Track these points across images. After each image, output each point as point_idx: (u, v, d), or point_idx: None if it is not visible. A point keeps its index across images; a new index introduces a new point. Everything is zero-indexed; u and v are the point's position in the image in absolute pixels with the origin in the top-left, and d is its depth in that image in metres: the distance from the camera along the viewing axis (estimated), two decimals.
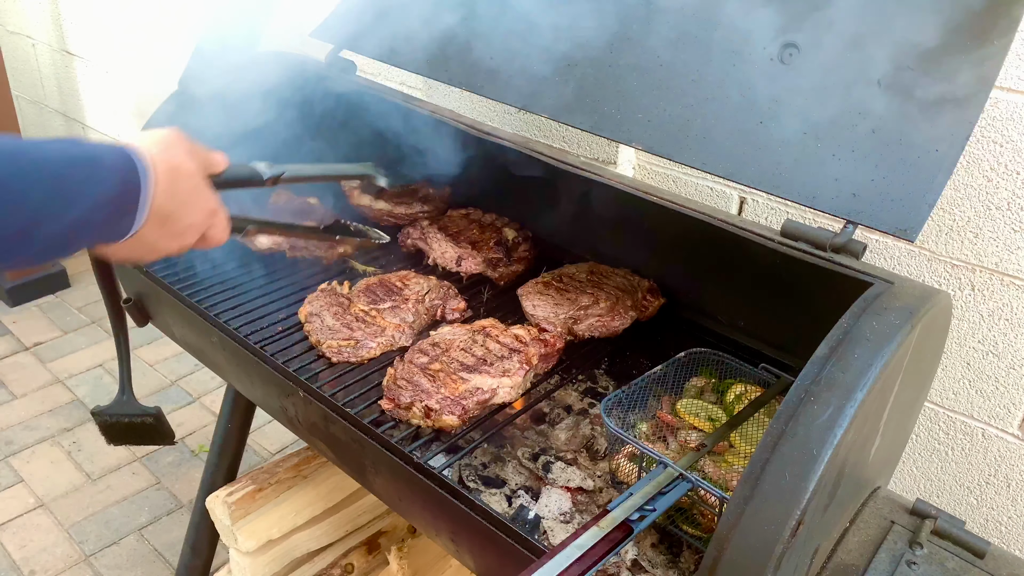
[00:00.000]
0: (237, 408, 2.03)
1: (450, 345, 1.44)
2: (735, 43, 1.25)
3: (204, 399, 3.30)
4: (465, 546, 1.24)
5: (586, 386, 1.65)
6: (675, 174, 1.89)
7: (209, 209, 1.05)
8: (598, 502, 1.35)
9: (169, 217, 0.97)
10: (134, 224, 0.91)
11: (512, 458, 1.44)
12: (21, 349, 3.54)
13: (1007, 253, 1.47)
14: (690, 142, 1.24)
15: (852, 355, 0.93)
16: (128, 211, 0.90)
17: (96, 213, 0.86)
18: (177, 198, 0.97)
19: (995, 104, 1.41)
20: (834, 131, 1.14)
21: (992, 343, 1.55)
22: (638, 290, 1.65)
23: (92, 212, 0.85)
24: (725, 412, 1.37)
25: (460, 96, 2.20)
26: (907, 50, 1.12)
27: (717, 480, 1.20)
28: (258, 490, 1.85)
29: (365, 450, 1.30)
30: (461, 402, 1.30)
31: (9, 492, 2.81)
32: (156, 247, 0.99)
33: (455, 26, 1.55)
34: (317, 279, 1.72)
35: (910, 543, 1.09)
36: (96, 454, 2.98)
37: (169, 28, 3.30)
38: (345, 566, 1.98)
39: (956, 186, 1.49)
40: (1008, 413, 1.57)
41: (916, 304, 1.02)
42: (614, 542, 0.95)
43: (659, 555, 1.24)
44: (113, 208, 0.88)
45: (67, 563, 2.55)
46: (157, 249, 1.00)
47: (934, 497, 1.74)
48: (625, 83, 1.33)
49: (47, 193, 0.80)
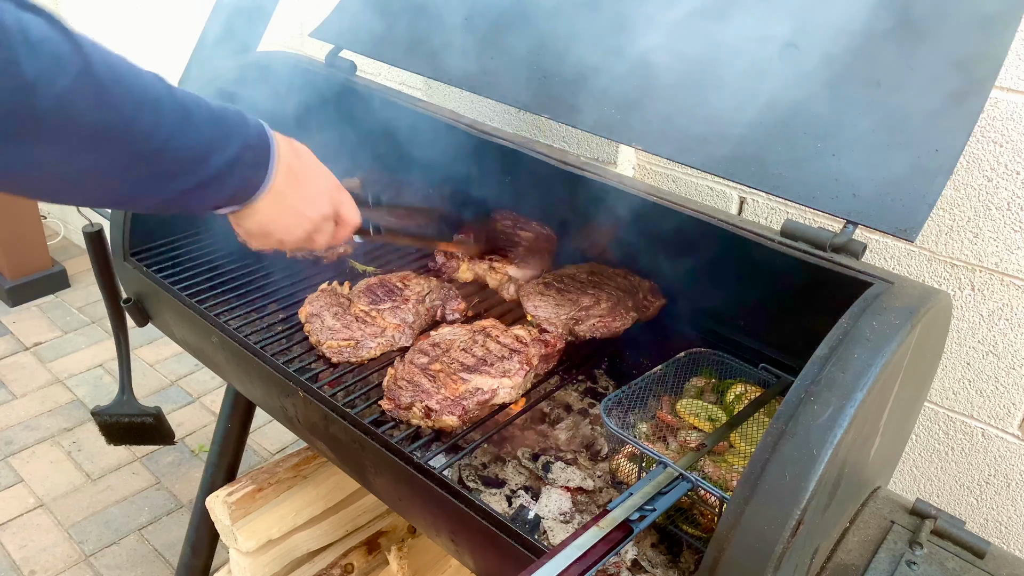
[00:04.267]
0: (237, 408, 2.03)
1: (450, 345, 1.44)
2: (735, 43, 1.25)
3: (204, 399, 3.30)
4: (465, 546, 1.24)
5: (586, 386, 1.65)
6: (675, 174, 1.89)
7: (334, 183, 1.14)
8: (598, 502, 1.35)
9: (299, 174, 1.05)
10: (267, 173, 1.00)
11: (512, 458, 1.45)
12: (21, 349, 3.55)
13: (1007, 253, 1.47)
14: (690, 142, 1.24)
15: (852, 355, 0.93)
16: (262, 161, 0.99)
17: (245, 153, 0.96)
18: (301, 159, 1.07)
19: (995, 104, 1.41)
20: (834, 131, 1.14)
21: (992, 343, 1.55)
22: (639, 290, 1.65)
23: (242, 151, 0.95)
24: (725, 412, 1.37)
25: (460, 96, 2.20)
26: (907, 50, 1.12)
27: (717, 480, 1.20)
28: (258, 490, 1.85)
29: (365, 450, 1.30)
30: (461, 402, 1.30)
31: (9, 492, 2.81)
32: (297, 210, 1.06)
33: (455, 26, 1.55)
34: (317, 279, 1.72)
35: (910, 543, 1.09)
36: (96, 454, 2.98)
37: (169, 28, 3.30)
38: (345, 566, 1.98)
39: (956, 186, 1.49)
40: (1008, 413, 1.57)
41: (916, 304, 1.02)
42: (614, 542, 0.95)
43: (659, 555, 1.24)
44: (251, 153, 0.97)
45: (67, 563, 2.55)
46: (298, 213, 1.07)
47: (934, 497, 1.74)
48: (625, 83, 1.33)
49: (214, 128, 0.91)
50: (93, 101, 0.78)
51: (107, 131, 0.80)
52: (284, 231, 1.07)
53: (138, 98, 0.82)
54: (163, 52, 3.39)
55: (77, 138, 0.78)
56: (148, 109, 0.83)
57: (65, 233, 4.47)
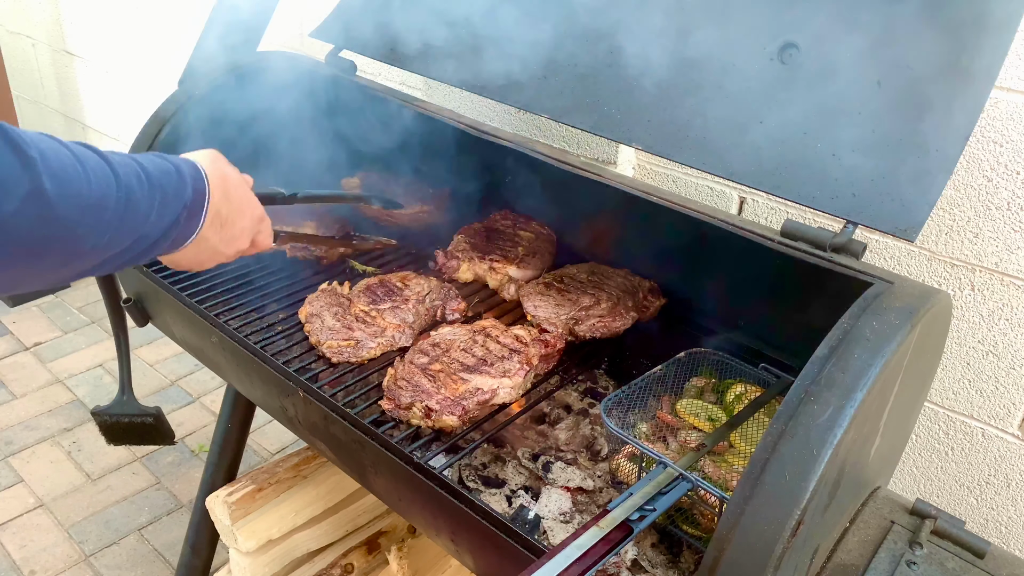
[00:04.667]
0: (237, 408, 2.03)
1: (450, 345, 1.44)
2: (735, 43, 1.25)
3: (204, 399, 3.30)
4: (465, 546, 1.24)
5: (586, 386, 1.65)
6: (675, 174, 1.89)
7: (258, 215, 1.19)
8: (598, 502, 1.35)
9: (226, 220, 1.08)
10: (198, 226, 1.01)
11: (512, 458, 1.44)
12: (21, 349, 3.54)
13: (1007, 253, 1.47)
14: (690, 142, 1.24)
15: (852, 355, 0.93)
16: (196, 213, 1.01)
17: (181, 215, 0.97)
18: (231, 203, 1.09)
19: (995, 104, 1.41)
20: (834, 131, 1.14)
21: (992, 343, 1.55)
22: (639, 290, 1.65)
23: (179, 214, 0.97)
24: (725, 412, 1.37)
25: (460, 96, 2.20)
26: (907, 50, 1.12)
27: (717, 480, 1.20)
28: (258, 490, 1.85)
29: (365, 450, 1.30)
30: (461, 402, 1.30)
31: (9, 492, 2.81)
32: (216, 250, 1.10)
33: (455, 26, 1.55)
34: (317, 279, 1.72)
35: (910, 543, 1.09)
36: (96, 454, 2.98)
37: (169, 28, 3.30)
38: (345, 566, 1.98)
39: (956, 186, 1.49)
40: (1008, 413, 1.57)
41: (916, 304, 1.02)
42: (614, 542, 0.95)
43: (659, 555, 1.24)
44: (188, 212, 0.99)
45: (67, 563, 2.55)
46: (217, 252, 1.11)
47: (934, 497, 1.74)
48: (625, 83, 1.33)
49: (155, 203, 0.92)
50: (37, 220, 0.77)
51: (50, 241, 0.80)
52: (197, 265, 1.12)
53: (82, 202, 0.81)
54: (163, 52, 3.39)
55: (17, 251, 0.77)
56: (92, 210, 0.83)
57: None
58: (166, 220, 0.95)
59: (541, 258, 1.77)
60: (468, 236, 1.79)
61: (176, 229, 0.98)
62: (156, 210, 0.92)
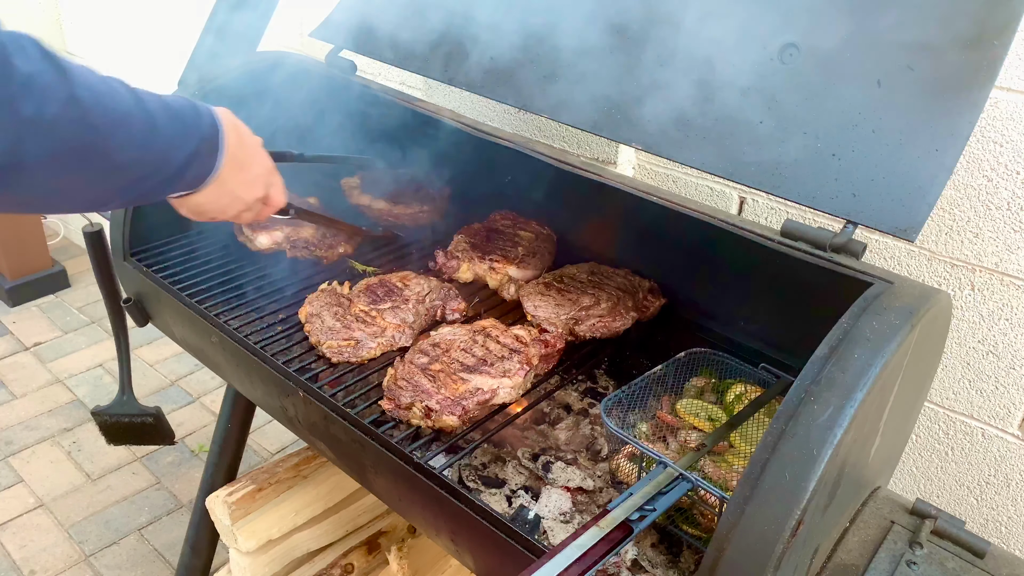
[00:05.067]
0: (237, 408, 2.03)
1: (450, 345, 1.44)
2: (735, 43, 1.25)
3: (204, 399, 3.30)
4: (465, 546, 1.24)
5: (586, 386, 1.65)
6: (675, 174, 1.89)
7: (269, 166, 1.23)
8: (598, 502, 1.35)
9: (243, 163, 1.13)
10: (216, 161, 1.07)
11: (512, 458, 1.45)
12: (21, 349, 3.55)
13: (1007, 253, 1.47)
14: (690, 142, 1.24)
15: (852, 355, 0.93)
16: (213, 150, 1.06)
17: (201, 147, 1.03)
18: (244, 148, 1.14)
19: (995, 104, 1.41)
20: (834, 131, 1.14)
21: (992, 343, 1.55)
22: (639, 290, 1.65)
23: (198, 145, 1.03)
24: (725, 412, 1.37)
25: (460, 96, 2.20)
26: (907, 50, 1.12)
27: (717, 480, 1.20)
28: (258, 490, 1.85)
29: (365, 450, 1.30)
30: (461, 402, 1.30)
31: (9, 492, 2.81)
32: (235, 195, 1.15)
33: (455, 26, 1.55)
34: (317, 279, 1.72)
35: (910, 543, 1.09)
36: (96, 454, 2.98)
37: (169, 28, 3.30)
38: (345, 566, 1.98)
39: (956, 186, 1.49)
40: (1008, 413, 1.57)
41: (916, 304, 1.02)
42: (614, 542, 0.95)
43: (659, 555, 1.24)
44: (206, 146, 1.04)
45: (67, 563, 2.55)
46: (236, 197, 1.16)
47: (934, 497, 1.74)
48: (625, 83, 1.33)
49: (175, 128, 0.98)
50: (78, 125, 0.85)
51: (88, 149, 0.88)
52: (219, 211, 1.16)
53: (113, 116, 0.89)
54: (163, 52, 3.39)
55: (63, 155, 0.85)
56: (122, 124, 0.91)
57: (65, 233, 4.47)
58: (187, 148, 1.01)
59: (541, 258, 1.77)
60: (468, 236, 1.79)
61: (197, 161, 1.04)
62: (177, 136, 0.99)
